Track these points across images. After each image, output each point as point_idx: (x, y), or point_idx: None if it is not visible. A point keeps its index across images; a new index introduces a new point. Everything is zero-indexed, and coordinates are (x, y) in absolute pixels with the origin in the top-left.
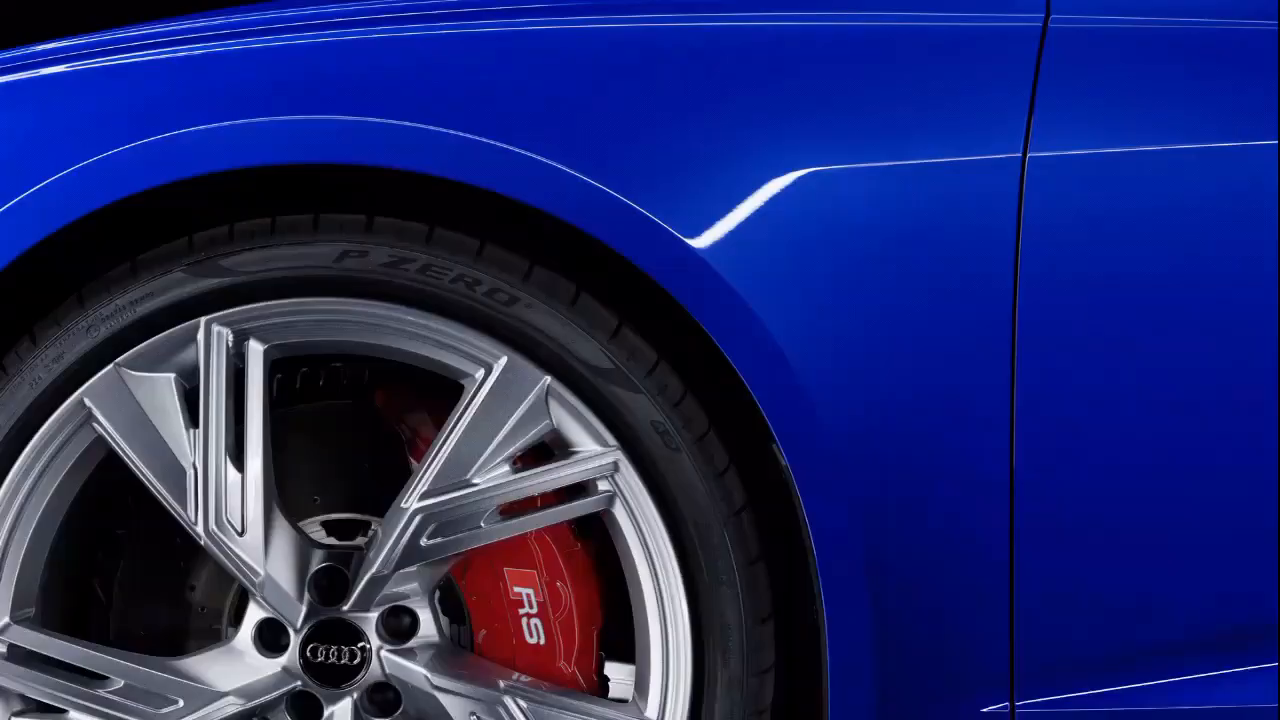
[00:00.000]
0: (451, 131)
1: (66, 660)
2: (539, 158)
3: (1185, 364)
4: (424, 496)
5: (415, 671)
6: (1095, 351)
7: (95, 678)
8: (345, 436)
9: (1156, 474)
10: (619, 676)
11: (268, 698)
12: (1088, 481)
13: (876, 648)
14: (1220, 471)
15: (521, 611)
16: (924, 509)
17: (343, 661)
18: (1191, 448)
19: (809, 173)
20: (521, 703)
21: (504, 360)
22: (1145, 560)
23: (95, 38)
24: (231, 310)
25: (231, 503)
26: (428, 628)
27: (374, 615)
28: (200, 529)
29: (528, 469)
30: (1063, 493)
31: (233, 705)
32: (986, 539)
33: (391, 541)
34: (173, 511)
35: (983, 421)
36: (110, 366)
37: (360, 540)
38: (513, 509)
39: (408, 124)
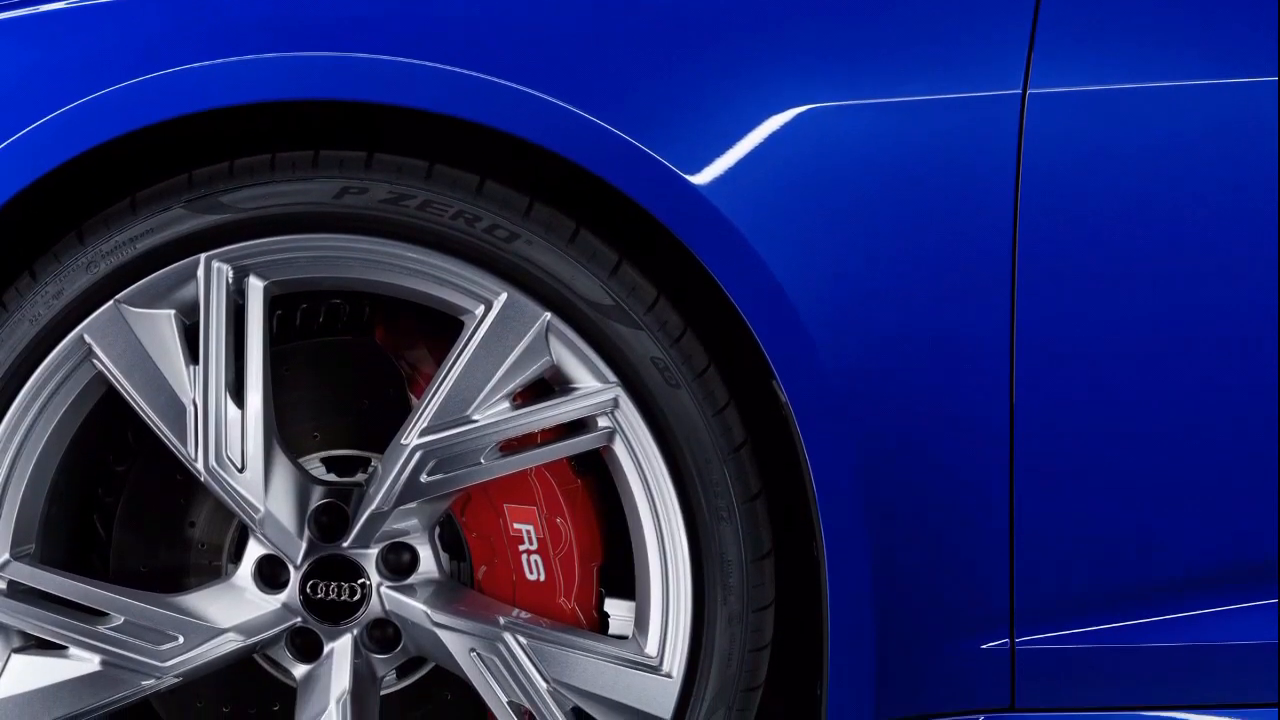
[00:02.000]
0: (451, 68)
1: (66, 597)
2: (540, 94)
3: (1185, 302)
4: (424, 433)
5: (415, 608)
6: (1095, 289)
7: (95, 614)
8: (345, 373)
9: (1157, 412)
10: (619, 613)
11: (268, 634)
12: (1088, 419)
13: (876, 585)
14: (1220, 409)
15: (521, 548)
16: (924, 446)
17: (343, 598)
18: (1191, 386)
19: (808, 109)
20: (521, 639)
21: (504, 297)
22: (1145, 498)
23: None
24: (231, 246)
25: (231, 439)
26: (428, 564)
27: (374, 552)
28: (200, 465)
29: (527, 405)
30: (1063, 430)
31: (232, 641)
32: (986, 476)
33: (391, 478)
34: (173, 448)
35: (982, 358)
36: (110, 303)
37: (360, 477)
38: (512, 445)
39: (408, 60)
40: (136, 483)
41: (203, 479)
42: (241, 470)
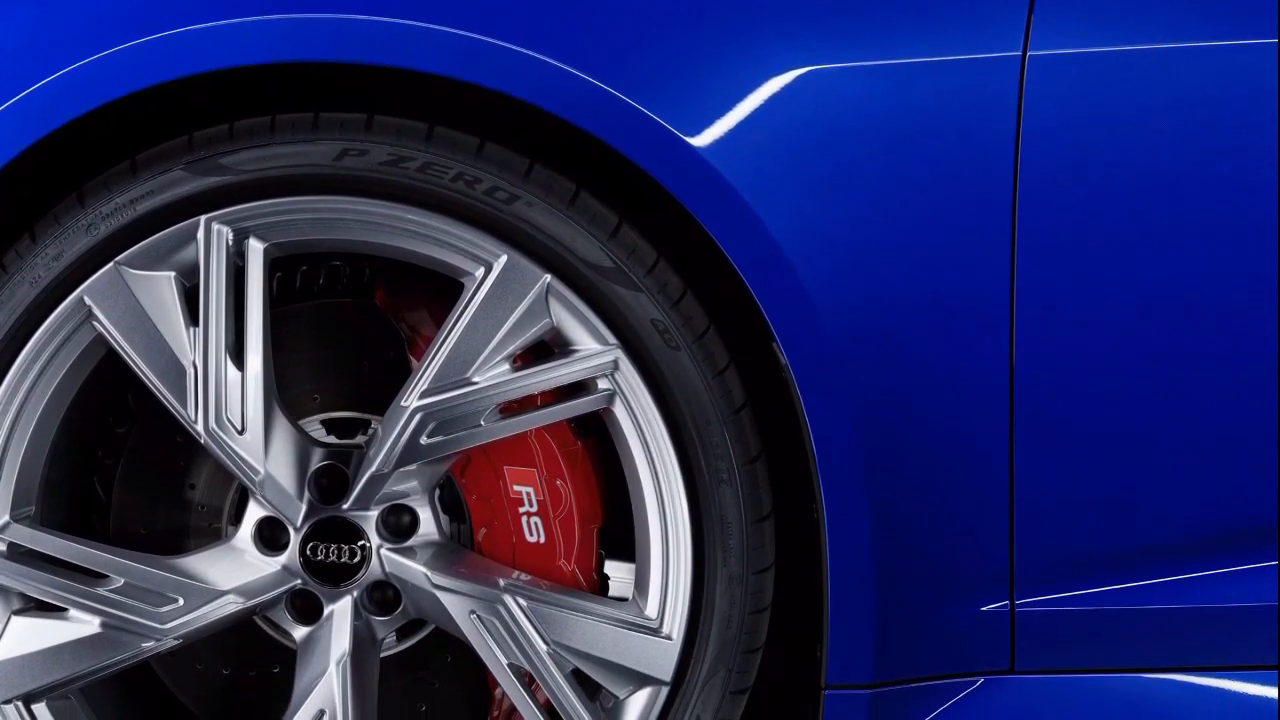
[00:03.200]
0: (452, 30)
1: (66, 559)
2: (541, 56)
3: (1185, 265)
4: (424, 395)
5: (415, 570)
6: (1095, 252)
7: (95, 576)
8: (345, 335)
9: (1156, 375)
10: (619, 575)
11: (267, 596)
12: (1087, 382)
13: (876, 547)
14: (1219, 372)
15: (521, 510)
16: (924, 408)
17: (343, 560)
18: (1191, 349)
19: (808, 71)
20: (521, 601)
21: (504, 259)
22: (1145, 460)
23: None
24: (231, 208)
25: (231, 401)
26: (427, 526)
27: (374, 514)
28: (200, 427)
29: (527, 367)
30: (1062, 393)
31: (232, 603)
32: (986, 439)
33: (391, 440)
34: (173, 410)
35: (982, 321)
36: (110, 265)
37: (360, 439)
38: (512, 407)
39: (407, 22)
40: (136, 445)
41: (202, 441)
42: (241, 432)
